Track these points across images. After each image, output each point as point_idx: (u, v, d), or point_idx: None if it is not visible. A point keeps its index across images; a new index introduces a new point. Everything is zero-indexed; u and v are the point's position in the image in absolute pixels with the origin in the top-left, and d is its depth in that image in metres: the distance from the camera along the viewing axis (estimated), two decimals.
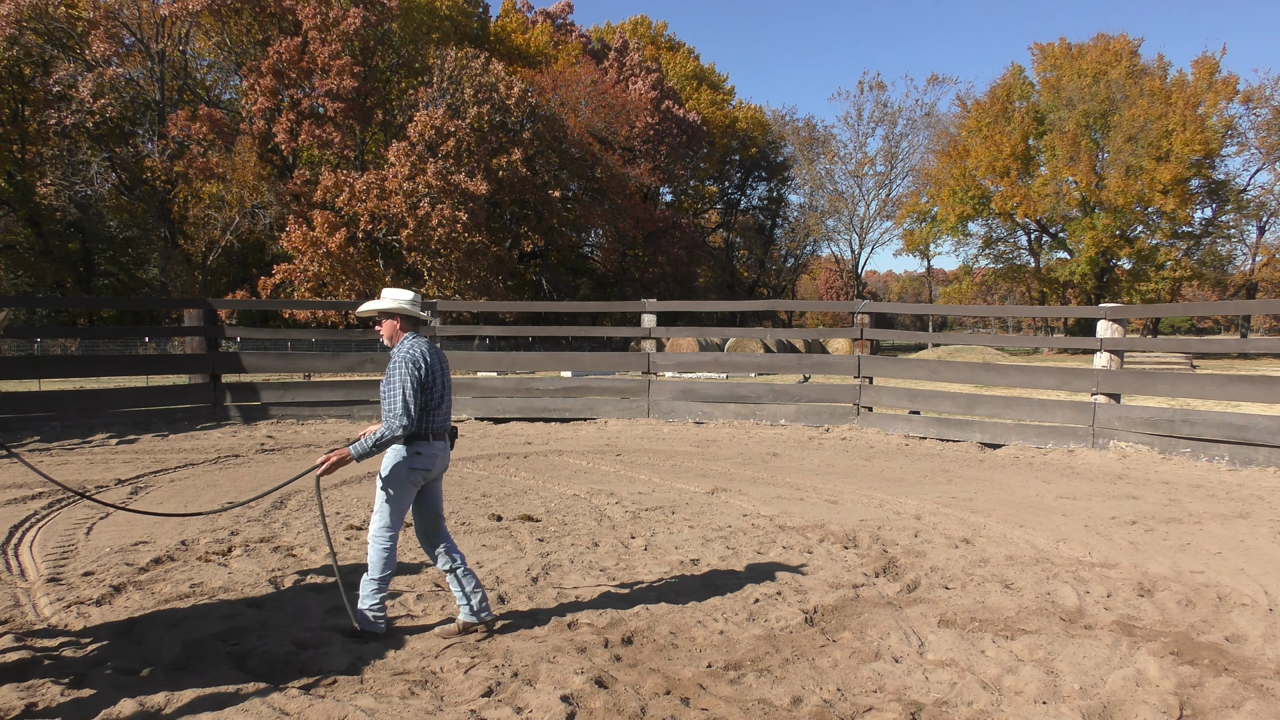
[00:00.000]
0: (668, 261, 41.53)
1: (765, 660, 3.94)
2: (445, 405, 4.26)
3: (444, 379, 4.27)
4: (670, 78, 50.77)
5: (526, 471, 9.11)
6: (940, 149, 52.10)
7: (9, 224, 34.08)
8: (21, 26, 29.70)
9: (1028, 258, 53.45)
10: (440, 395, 4.22)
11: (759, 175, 59.92)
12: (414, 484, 4.19)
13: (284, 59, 31.33)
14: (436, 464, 4.22)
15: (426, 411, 4.17)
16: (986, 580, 5.18)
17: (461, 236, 30.33)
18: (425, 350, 4.20)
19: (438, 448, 4.21)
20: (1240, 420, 9.55)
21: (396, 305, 4.27)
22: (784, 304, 17.13)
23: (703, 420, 13.17)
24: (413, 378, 4.10)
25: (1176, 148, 42.44)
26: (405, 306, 4.28)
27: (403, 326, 4.31)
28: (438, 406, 4.21)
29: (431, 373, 4.18)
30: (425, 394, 4.16)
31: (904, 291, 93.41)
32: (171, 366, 15.26)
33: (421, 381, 4.13)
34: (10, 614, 4.46)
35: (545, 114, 36.40)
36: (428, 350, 4.22)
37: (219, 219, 32.83)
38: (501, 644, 4.09)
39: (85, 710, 3.36)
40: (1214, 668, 3.89)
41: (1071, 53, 48.08)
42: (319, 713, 3.37)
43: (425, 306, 14.00)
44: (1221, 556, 5.83)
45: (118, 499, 7.49)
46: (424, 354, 4.17)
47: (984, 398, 12.03)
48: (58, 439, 10.90)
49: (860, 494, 8.01)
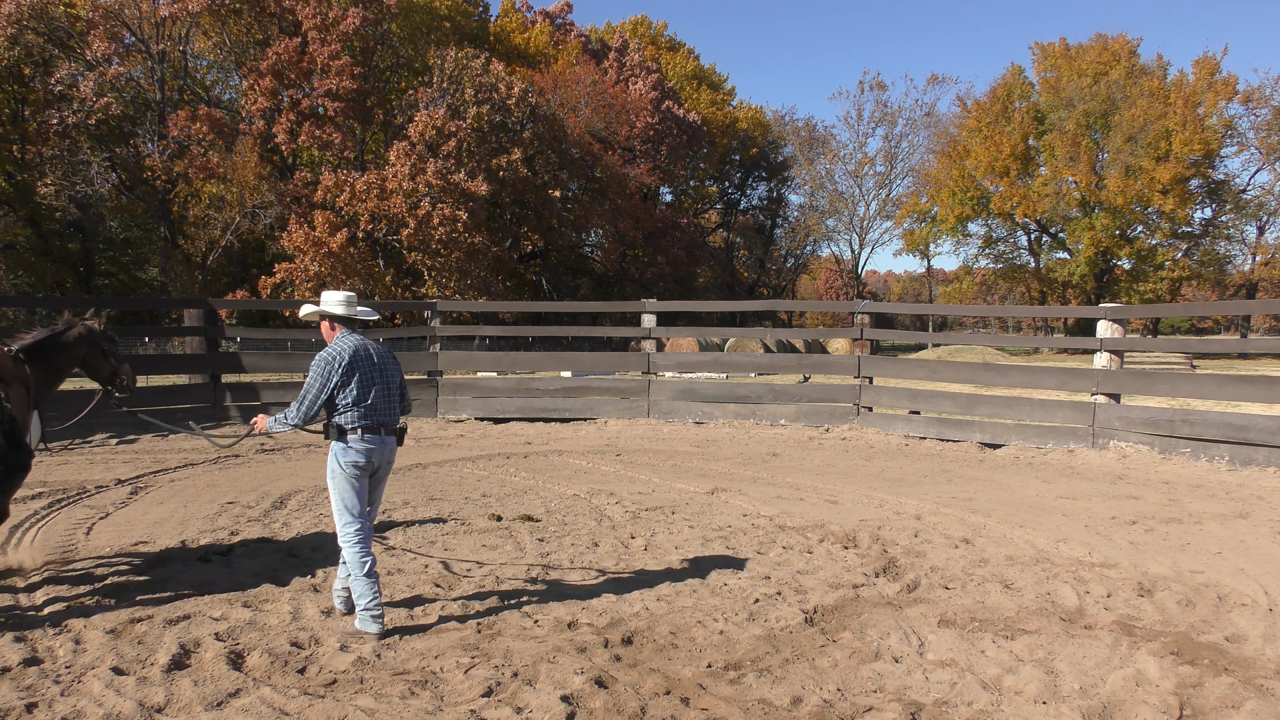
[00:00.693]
0: (668, 261, 41.50)
1: (765, 660, 3.94)
2: (378, 401, 4.33)
3: (377, 375, 4.35)
4: (670, 78, 50.74)
5: (526, 471, 9.11)
6: (940, 149, 52.08)
7: (9, 224, 34.05)
8: (22, 26, 29.68)
9: (1028, 258, 53.43)
10: (366, 391, 4.29)
11: (759, 175, 59.88)
12: (350, 476, 4.27)
13: (283, 59, 31.31)
14: (371, 457, 4.30)
15: (352, 406, 4.26)
16: (986, 580, 5.18)
17: (462, 236, 30.32)
18: (350, 349, 4.31)
19: (369, 440, 4.28)
20: (1240, 420, 9.55)
21: (323, 308, 4.47)
22: (784, 304, 17.15)
23: (703, 420, 13.17)
24: (322, 376, 4.24)
25: (1176, 148, 42.42)
26: (330, 309, 4.44)
27: (333, 326, 4.48)
28: (362, 401, 4.27)
29: (353, 369, 4.28)
30: (345, 390, 4.26)
31: (904, 291, 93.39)
32: (171, 366, 15.26)
33: (327, 381, 4.24)
34: (10, 614, 4.46)
35: (545, 114, 36.37)
36: (355, 349, 4.33)
37: (219, 219, 32.80)
38: (501, 644, 4.09)
39: (85, 710, 3.36)
40: (1214, 668, 3.89)
41: (1071, 53, 48.05)
42: (319, 713, 3.37)
43: (429, 307, 14.02)
44: (1221, 556, 5.83)
45: (117, 499, 7.49)
46: (342, 353, 4.29)
47: (984, 398, 12.03)
48: (58, 439, 10.89)
49: (860, 494, 8.01)
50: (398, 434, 4.48)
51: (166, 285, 35.78)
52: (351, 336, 4.42)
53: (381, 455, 4.37)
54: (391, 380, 4.45)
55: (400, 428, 4.51)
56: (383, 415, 4.36)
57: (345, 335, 4.42)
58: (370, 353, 4.39)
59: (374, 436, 4.31)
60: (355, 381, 4.28)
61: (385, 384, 4.40)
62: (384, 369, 4.42)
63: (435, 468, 9.28)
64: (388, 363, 4.47)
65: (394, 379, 4.47)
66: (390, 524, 6.54)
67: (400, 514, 6.89)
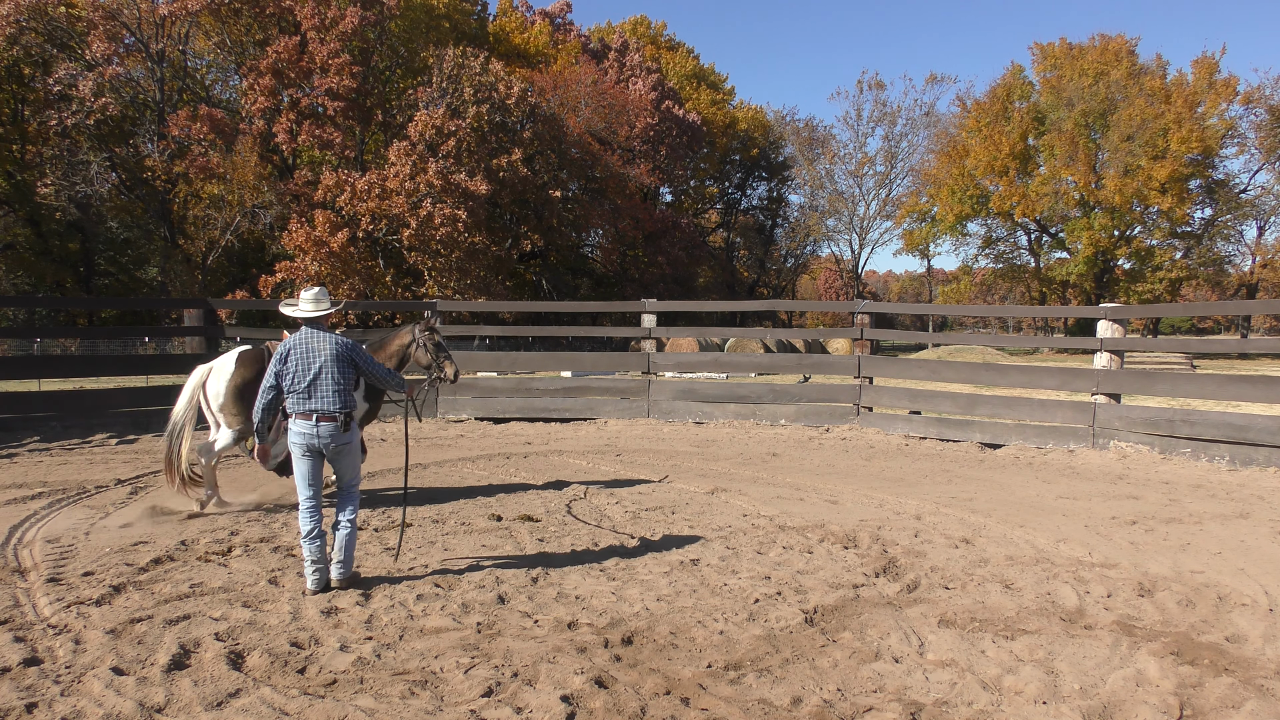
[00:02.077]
0: (668, 261, 41.48)
1: (765, 660, 3.94)
2: (306, 391, 4.85)
3: (306, 368, 4.87)
4: (670, 78, 50.74)
5: (526, 471, 9.11)
6: (940, 149, 52.07)
7: (9, 224, 34.03)
8: (22, 26, 29.67)
9: (1028, 257, 53.42)
10: (297, 380, 4.87)
11: (759, 175, 59.88)
12: (297, 454, 4.88)
13: (283, 58, 31.31)
14: (308, 439, 4.85)
15: (289, 394, 4.88)
16: (987, 580, 5.18)
17: (462, 236, 30.32)
18: (285, 346, 4.94)
19: (301, 426, 4.84)
20: (1240, 420, 9.55)
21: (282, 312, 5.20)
22: (784, 304, 17.13)
23: (703, 420, 13.16)
24: (267, 374, 4.97)
25: (1173, 145, 42.43)
26: (281, 311, 5.19)
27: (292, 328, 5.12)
28: (295, 391, 4.86)
29: (283, 362, 4.89)
30: (279, 382, 4.91)
31: (904, 291, 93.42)
32: (171, 366, 15.20)
33: (272, 375, 4.91)
34: (10, 614, 4.46)
35: (545, 114, 36.36)
36: (289, 343, 4.93)
37: (219, 219, 32.79)
38: (501, 644, 4.09)
39: (85, 711, 3.36)
40: (1214, 668, 3.89)
41: (1071, 52, 48.04)
42: (319, 713, 3.37)
43: (429, 307, 14.02)
44: (1222, 557, 5.83)
45: (117, 499, 7.49)
46: (279, 351, 4.93)
47: (984, 398, 12.03)
48: (58, 439, 10.89)
49: (860, 494, 8.01)
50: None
51: (166, 285, 35.78)
52: (291, 336, 5.08)
53: (319, 438, 4.90)
54: (321, 372, 4.94)
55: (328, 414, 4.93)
56: (318, 404, 4.89)
57: (291, 334, 5.14)
58: (303, 347, 4.97)
59: (305, 423, 4.92)
60: (285, 374, 4.95)
61: (307, 376, 4.95)
62: (315, 362, 4.97)
63: (435, 468, 9.28)
64: (320, 355, 4.97)
65: (324, 371, 4.94)
66: (390, 523, 6.54)
67: (399, 513, 6.88)
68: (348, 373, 4.95)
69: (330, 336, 4.97)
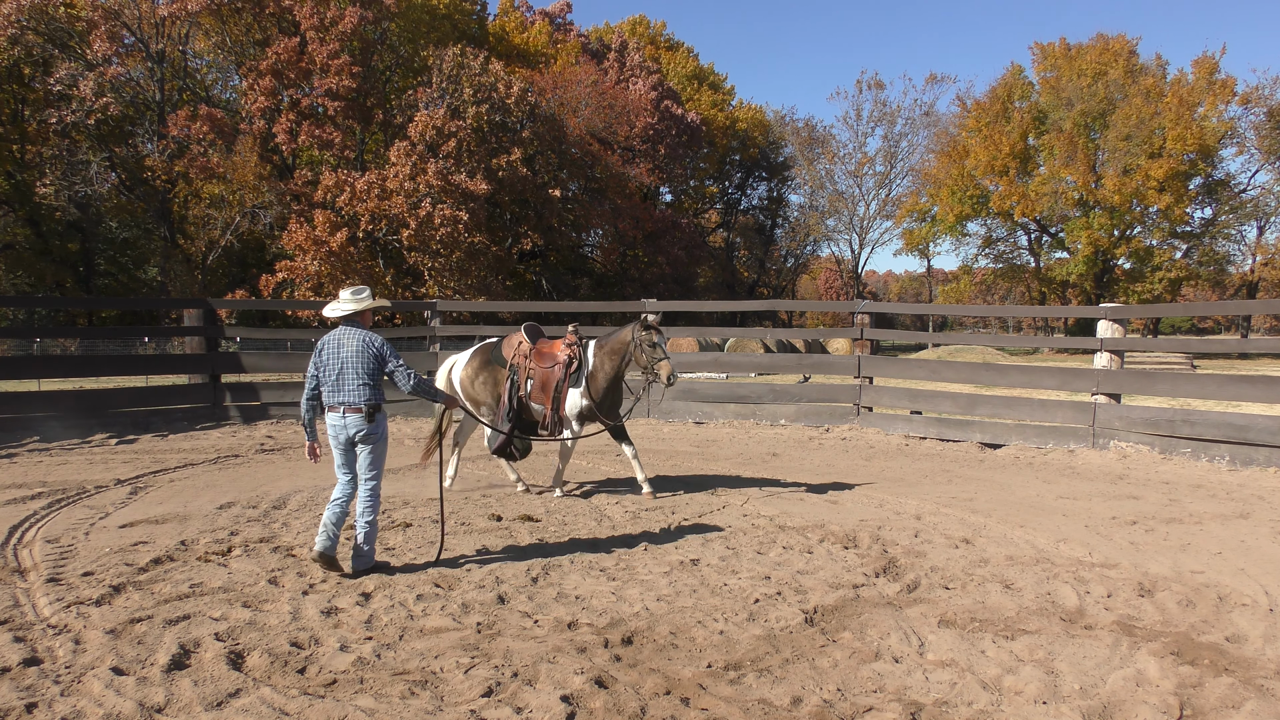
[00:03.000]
0: (668, 261, 41.46)
1: (765, 660, 3.94)
2: (334, 384, 5.14)
3: (334, 362, 5.16)
4: (670, 78, 50.72)
5: (526, 471, 9.10)
6: (940, 149, 52.07)
7: (9, 224, 34.01)
8: (22, 26, 29.67)
9: (1027, 257, 53.41)
10: (327, 374, 5.18)
11: (759, 175, 59.86)
12: (332, 443, 5.21)
13: (283, 59, 31.30)
14: (339, 430, 5.16)
15: (323, 387, 5.20)
16: (987, 580, 5.17)
17: (462, 236, 30.31)
18: (320, 342, 5.26)
19: (332, 418, 5.17)
20: (1241, 420, 9.55)
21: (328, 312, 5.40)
22: (784, 304, 17.13)
23: (703, 420, 13.16)
24: (308, 368, 5.30)
25: (1170, 144, 42.42)
26: (325, 312, 5.41)
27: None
28: (326, 384, 5.19)
29: (318, 356, 5.22)
30: (315, 376, 5.24)
31: (904, 291, 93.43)
32: (171, 366, 15.24)
33: (312, 368, 5.25)
34: (10, 614, 4.46)
35: (545, 114, 36.35)
36: (323, 340, 5.25)
37: (219, 219, 32.80)
38: (501, 644, 4.09)
39: (85, 710, 3.36)
40: (1214, 668, 3.88)
41: (1071, 52, 48.03)
42: (319, 713, 3.36)
43: (428, 307, 14.00)
44: (1222, 557, 5.83)
45: (117, 499, 7.49)
46: (317, 346, 5.26)
47: (984, 398, 12.03)
48: (57, 439, 10.89)
49: (860, 494, 8.01)
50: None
51: (166, 285, 35.79)
52: (332, 332, 5.32)
53: (350, 429, 5.17)
54: (345, 367, 5.19)
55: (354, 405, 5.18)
56: (346, 397, 5.15)
57: (330, 331, 5.37)
58: (333, 344, 5.24)
59: (334, 415, 5.22)
60: (320, 368, 5.29)
61: (332, 370, 5.21)
62: (344, 357, 5.22)
63: (435, 467, 9.27)
64: (348, 351, 5.22)
65: (346, 365, 5.18)
66: (390, 524, 6.54)
67: (400, 514, 6.89)
68: (372, 367, 5.19)
69: (358, 332, 5.24)
